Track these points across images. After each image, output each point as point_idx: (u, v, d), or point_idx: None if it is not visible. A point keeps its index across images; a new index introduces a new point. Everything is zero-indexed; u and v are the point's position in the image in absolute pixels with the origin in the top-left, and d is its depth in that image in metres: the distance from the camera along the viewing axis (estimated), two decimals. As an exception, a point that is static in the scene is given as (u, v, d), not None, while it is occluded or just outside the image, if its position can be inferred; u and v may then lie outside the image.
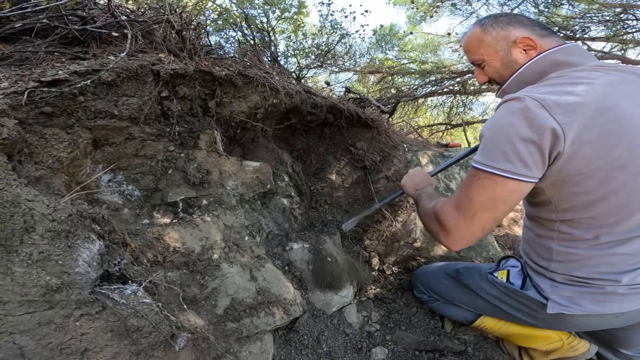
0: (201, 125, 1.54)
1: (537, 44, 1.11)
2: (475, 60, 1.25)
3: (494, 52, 1.18)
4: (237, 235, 1.47)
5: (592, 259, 1.04)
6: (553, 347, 1.38)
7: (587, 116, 0.90)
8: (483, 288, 1.38)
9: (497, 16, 1.20)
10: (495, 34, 1.17)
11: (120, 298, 0.81)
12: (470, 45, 1.25)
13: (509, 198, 0.98)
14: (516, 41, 1.14)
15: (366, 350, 1.51)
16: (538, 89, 0.98)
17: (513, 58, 1.15)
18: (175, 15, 1.70)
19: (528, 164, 0.92)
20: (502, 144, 0.94)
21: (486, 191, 0.99)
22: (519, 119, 0.92)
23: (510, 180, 0.94)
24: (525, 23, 1.17)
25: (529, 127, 0.91)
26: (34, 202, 0.79)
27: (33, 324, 0.69)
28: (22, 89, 1.05)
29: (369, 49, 5.81)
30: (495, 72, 1.21)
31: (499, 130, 0.96)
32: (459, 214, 1.05)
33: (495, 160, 0.95)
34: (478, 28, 1.22)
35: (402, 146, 2.32)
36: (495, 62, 1.19)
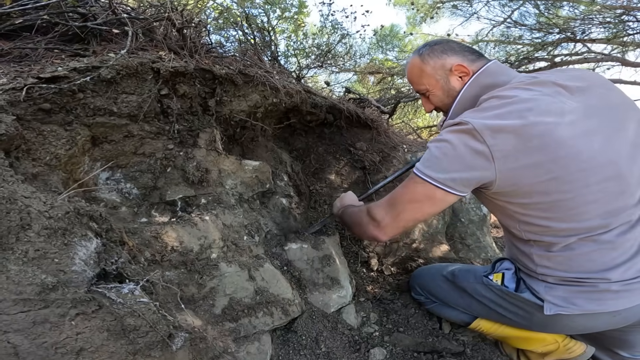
0: (201, 123, 1.54)
1: (469, 69, 1.21)
2: (420, 90, 1.33)
3: (434, 82, 1.27)
4: (236, 234, 1.46)
5: (572, 259, 1.09)
6: (549, 349, 1.38)
7: (514, 137, 0.99)
8: (478, 291, 1.38)
9: (432, 45, 1.29)
10: (433, 64, 1.26)
11: (117, 297, 0.80)
12: (413, 75, 1.32)
13: (433, 204, 1.12)
14: (451, 69, 1.23)
15: (364, 351, 1.51)
16: (472, 114, 1.08)
17: (452, 86, 1.24)
18: (176, 13, 1.69)
19: (455, 178, 1.05)
20: (439, 158, 1.07)
21: (416, 194, 1.13)
22: (456, 139, 1.04)
23: (438, 189, 1.07)
24: (456, 50, 1.26)
25: (462, 147, 1.03)
26: (31, 199, 0.78)
27: (28, 322, 0.68)
28: (20, 85, 1.04)
29: (369, 50, 5.81)
30: (439, 101, 1.30)
31: (439, 146, 1.08)
32: (389, 207, 1.20)
33: (430, 169, 1.08)
34: (417, 58, 1.29)
35: (402, 147, 2.31)
36: (437, 91, 1.28)
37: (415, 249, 2.03)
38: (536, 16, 5.22)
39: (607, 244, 1.04)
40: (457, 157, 1.04)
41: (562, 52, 5.40)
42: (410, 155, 2.27)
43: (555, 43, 5.03)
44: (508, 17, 5.53)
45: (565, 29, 4.71)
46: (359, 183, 2.16)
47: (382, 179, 2.16)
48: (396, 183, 1.93)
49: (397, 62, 6.19)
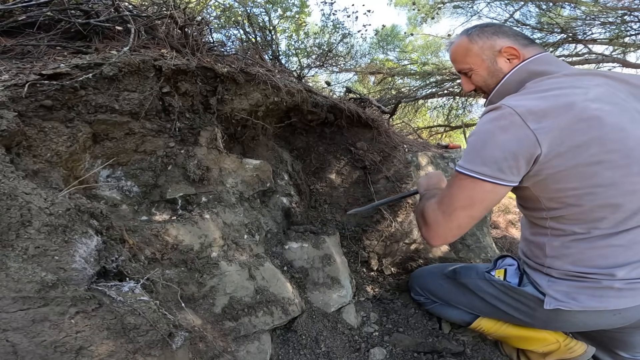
0: (202, 121, 1.53)
1: (520, 53, 1.18)
2: (462, 69, 1.31)
3: (480, 61, 1.24)
4: (236, 233, 1.45)
5: (584, 253, 1.07)
6: (550, 349, 1.38)
7: (559, 120, 0.96)
8: (480, 287, 1.38)
9: (482, 26, 1.27)
10: (481, 44, 1.23)
11: (117, 295, 0.80)
12: (457, 54, 1.30)
13: (485, 198, 1.06)
14: (501, 50, 1.20)
15: (364, 351, 1.50)
16: (515, 98, 1.05)
17: (498, 67, 1.21)
18: (178, 11, 1.69)
19: (503, 168, 1.00)
20: (480, 149, 1.03)
21: (465, 191, 1.07)
22: (496, 127, 1.00)
23: (486, 182, 1.02)
24: (508, 33, 1.23)
25: (504, 134, 0.99)
26: (31, 196, 0.78)
27: (27, 321, 0.67)
28: (22, 82, 1.04)
29: (370, 50, 5.81)
30: (481, 81, 1.27)
31: (478, 137, 1.05)
32: (439, 209, 1.13)
33: (473, 163, 1.03)
34: (465, 37, 1.27)
35: (402, 147, 2.31)
36: (482, 71, 1.25)
37: (415, 249, 2.02)
38: (538, 16, 5.22)
39: (624, 242, 1.03)
40: (501, 146, 0.99)
41: (563, 53, 5.40)
42: (410, 155, 2.27)
43: (556, 44, 5.02)
44: (510, 17, 5.52)
45: (566, 29, 4.70)
46: (360, 183, 2.16)
47: (383, 178, 2.16)
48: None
49: (397, 63, 6.19)
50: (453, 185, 1.11)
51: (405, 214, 2.06)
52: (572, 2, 5.05)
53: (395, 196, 1.79)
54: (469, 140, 1.08)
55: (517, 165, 1.00)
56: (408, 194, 1.72)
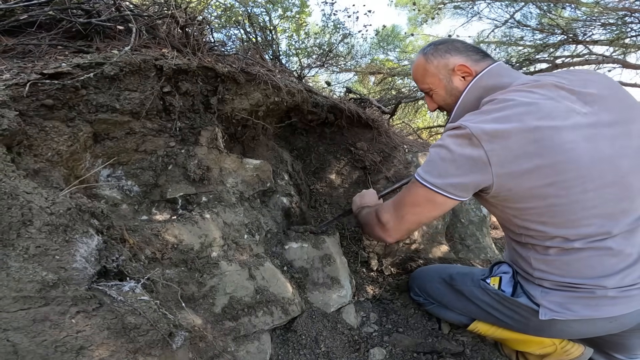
0: (202, 121, 1.53)
1: (472, 69, 1.20)
2: (424, 89, 1.34)
3: (437, 81, 1.27)
4: (237, 233, 1.45)
5: (569, 264, 1.08)
6: (546, 352, 1.38)
7: (510, 142, 0.99)
8: (475, 295, 1.37)
9: (436, 44, 1.29)
10: (436, 63, 1.26)
11: (117, 295, 0.80)
12: (417, 74, 1.33)
13: (435, 208, 1.14)
14: (454, 69, 1.23)
15: (364, 351, 1.50)
16: (472, 118, 1.08)
17: (454, 86, 1.24)
18: (179, 10, 1.69)
19: (454, 184, 1.06)
20: (437, 163, 1.09)
21: (417, 198, 1.15)
22: (453, 145, 1.05)
23: (438, 194, 1.09)
24: (460, 49, 1.25)
25: (459, 152, 1.04)
26: (32, 195, 0.78)
27: (28, 320, 0.67)
28: (24, 81, 1.04)
29: (370, 50, 5.81)
30: (442, 100, 1.30)
31: (437, 151, 1.09)
32: (394, 210, 1.24)
33: (429, 174, 1.10)
34: (422, 57, 1.29)
35: (402, 147, 2.31)
36: (440, 91, 1.28)
37: (415, 250, 2.02)
38: (539, 17, 5.22)
39: (607, 250, 1.02)
40: (454, 163, 1.05)
41: (563, 54, 5.40)
42: (411, 155, 2.27)
43: (557, 45, 5.03)
44: (511, 17, 5.52)
45: (567, 30, 4.71)
46: (360, 183, 2.16)
47: (383, 179, 2.16)
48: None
49: (398, 63, 6.19)
50: (410, 189, 1.18)
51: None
52: (573, 2, 5.05)
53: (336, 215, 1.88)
54: (431, 151, 1.13)
55: (467, 185, 1.06)
56: (343, 213, 1.82)
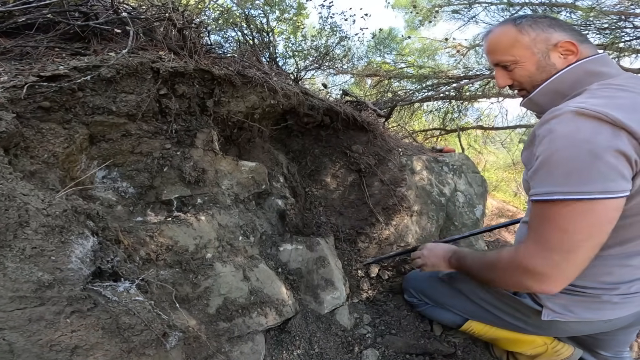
0: (198, 124, 1.54)
1: (578, 49, 1.05)
2: (503, 61, 1.16)
3: (530, 54, 1.10)
4: (231, 235, 1.47)
5: (596, 268, 1.00)
6: (537, 352, 1.40)
7: None
8: (475, 292, 1.39)
9: (534, 17, 1.12)
10: (534, 35, 1.09)
11: (112, 295, 0.81)
12: (500, 44, 1.15)
13: (606, 217, 0.87)
14: (557, 44, 1.07)
15: (357, 352, 1.52)
16: (589, 99, 0.90)
17: (551, 62, 1.08)
18: (177, 13, 1.70)
19: (625, 175, 0.84)
20: (589, 162, 0.83)
21: (586, 218, 0.86)
22: (596, 131, 0.83)
23: (612, 200, 0.84)
24: (564, 27, 1.10)
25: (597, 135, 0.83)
26: (29, 197, 0.79)
27: (23, 320, 0.68)
28: (21, 83, 1.05)
29: (367, 52, 5.84)
30: (526, 76, 1.13)
31: (576, 148, 0.84)
32: (552, 252, 0.92)
33: (588, 183, 0.83)
34: (512, 27, 1.12)
35: (397, 150, 2.33)
36: (530, 65, 1.11)
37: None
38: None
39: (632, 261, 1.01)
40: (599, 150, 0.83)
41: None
42: (405, 158, 2.29)
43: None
44: (506, 21, 5.56)
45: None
46: (355, 186, 2.17)
47: (377, 182, 2.18)
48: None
49: (394, 66, 6.22)
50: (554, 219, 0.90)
51: (400, 217, 2.08)
52: (568, 7, 5.10)
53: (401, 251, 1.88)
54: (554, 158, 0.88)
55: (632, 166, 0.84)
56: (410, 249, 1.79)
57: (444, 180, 2.34)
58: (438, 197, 2.22)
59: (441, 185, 2.30)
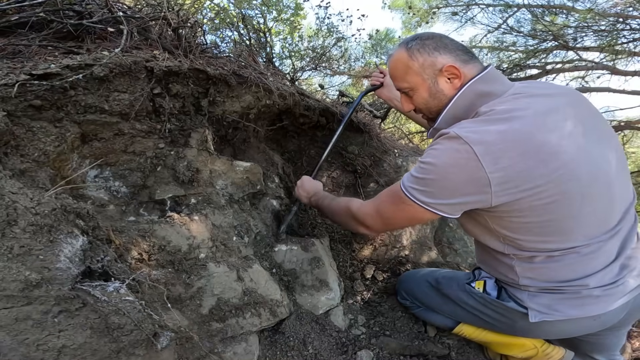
0: (193, 123, 1.54)
1: (461, 72, 1.10)
2: (402, 88, 1.21)
3: (421, 81, 1.15)
4: (225, 235, 1.46)
5: (554, 270, 1.09)
6: (528, 355, 1.41)
7: (516, 160, 0.93)
8: (461, 298, 1.39)
9: (423, 39, 1.15)
10: (422, 61, 1.13)
11: (102, 295, 0.80)
12: (396, 70, 1.20)
13: (421, 220, 1.17)
14: (442, 69, 1.11)
15: (352, 353, 1.52)
16: (471, 128, 0.99)
17: (440, 88, 1.14)
18: (172, 12, 1.69)
19: (447, 204, 1.01)
20: (430, 180, 1.01)
21: (404, 212, 1.11)
22: (452, 162, 0.97)
23: (427, 211, 1.04)
24: (449, 47, 1.13)
25: (458, 173, 0.97)
26: (18, 195, 0.78)
27: (10, 319, 0.68)
28: (12, 82, 1.04)
29: (364, 53, 5.84)
30: (422, 103, 1.19)
31: (432, 167, 1.01)
32: (379, 218, 1.22)
33: (420, 192, 1.03)
34: (404, 52, 1.16)
35: (393, 151, 2.33)
36: (423, 92, 1.16)
37: (404, 254, 2.04)
38: (532, 23, 5.28)
39: (590, 254, 1.05)
40: (451, 184, 0.99)
41: (554, 60, 5.46)
42: (401, 159, 2.29)
43: (547, 50, 5.08)
44: (504, 22, 5.59)
45: (558, 36, 4.76)
46: (350, 187, 2.17)
47: (373, 183, 2.18)
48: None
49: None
50: (395, 201, 1.13)
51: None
52: (566, 9, 5.12)
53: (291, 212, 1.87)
54: (422, 166, 1.04)
55: (462, 206, 1.02)
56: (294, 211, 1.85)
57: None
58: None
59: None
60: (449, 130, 1.00)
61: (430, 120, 1.24)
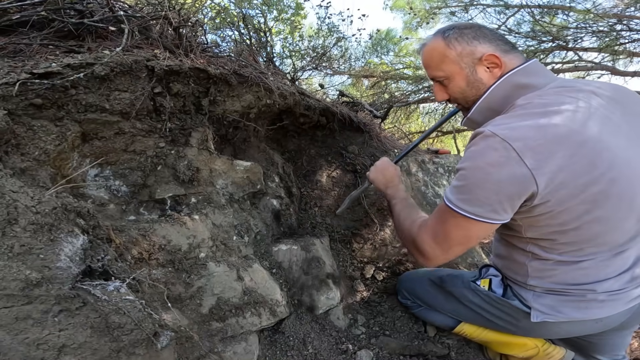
0: (193, 122, 1.54)
1: (502, 61, 1.07)
2: (437, 77, 1.17)
3: (458, 70, 1.11)
4: (225, 234, 1.46)
5: (567, 273, 1.07)
6: (529, 354, 1.41)
7: (559, 157, 0.90)
8: (466, 296, 1.39)
9: (461, 28, 1.12)
10: (460, 49, 1.10)
11: (102, 294, 0.80)
12: (431, 59, 1.16)
13: (481, 234, 1.06)
14: (482, 58, 1.08)
15: (351, 353, 1.52)
16: (508, 124, 0.96)
17: (478, 77, 1.10)
18: (173, 11, 1.69)
19: (497, 210, 0.96)
20: (473, 188, 0.97)
21: (462, 230, 1.04)
22: (490, 163, 0.93)
23: (481, 222, 0.98)
24: (489, 37, 1.10)
25: (499, 172, 0.92)
26: (18, 194, 0.78)
27: (10, 318, 0.68)
28: (13, 80, 1.04)
29: (364, 53, 5.84)
30: (459, 92, 1.15)
31: (471, 173, 0.97)
32: (437, 245, 1.12)
33: (467, 203, 0.98)
34: (441, 41, 1.12)
35: (393, 151, 2.33)
36: (460, 81, 1.13)
37: (404, 253, 2.04)
38: (531, 24, 5.28)
39: (605, 261, 1.03)
40: (494, 184, 0.93)
41: (554, 60, 5.46)
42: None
43: (547, 51, 5.08)
44: (503, 24, 5.58)
45: (558, 37, 4.76)
46: (350, 186, 2.17)
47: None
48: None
49: (391, 67, 6.22)
50: (447, 221, 1.06)
51: (395, 217, 2.07)
52: (565, 9, 5.12)
53: (359, 189, 1.82)
54: (462, 173, 1.00)
55: (512, 206, 0.96)
56: (364, 187, 1.77)
57: (439, 182, 2.34)
58: (433, 199, 2.21)
59: (436, 186, 2.30)
60: (484, 129, 0.96)
61: (465, 110, 1.20)
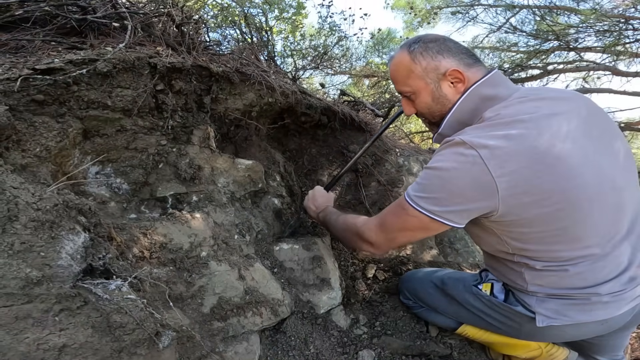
0: (195, 120, 1.53)
1: (465, 76, 1.08)
2: (404, 92, 1.19)
3: (424, 85, 1.13)
4: (227, 233, 1.45)
5: (564, 278, 1.07)
6: (532, 355, 1.40)
7: (522, 165, 0.92)
8: (468, 300, 1.37)
9: (426, 42, 1.13)
10: (425, 64, 1.11)
11: (103, 293, 0.79)
12: (398, 74, 1.17)
13: (427, 232, 1.10)
14: (445, 73, 1.09)
15: (353, 353, 1.51)
16: (476, 133, 0.98)
17: (443, 93, 1.12)
18: (176, 9, 1.69)
19: (454, 212, 0.98)
20: (435, 188, 0.99)
21: (409, 225, 1.08)
22: (456, 167, 0.95)
23: (434, 221, 1.01)
24: (453, 51, 1.11)
25: (463, 177, 0.95)
26: (19, 190, 0.77)
27: (10, 317, 0.66)
28: (15, 76, 1.03)
29: (365, 53, 5.83)
30: (425, 107, 1.17)
31: (436, 173, 1.00)
32: (381, 232, 1.17)
33: (425, 201, 1.01)
34: (407, 55, 1.13)
35: (394, 151, 2.32)
36: (426, 97, 1.14)
37: (405, 253, 2.03)
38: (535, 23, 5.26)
39: (599, 262, 1.03)
40: (457, 189, 0.96)
41: (555, 60, 5.46)
42: (402, 159, 2.28)
43: (549, 51, 5.07)
44: (506, 22, 5.57)
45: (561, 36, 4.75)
46: (351, 186, 2.16)
47: (374, 182, 2.17)
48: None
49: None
50: (399, 214, 1.10)
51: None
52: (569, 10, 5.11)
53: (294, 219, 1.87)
54: (427, 172, 1.03)
55: (469, 213, 0.99)
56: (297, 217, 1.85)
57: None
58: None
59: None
60: (454, 137, 0.99)
61: (432, 125, 1.23)
